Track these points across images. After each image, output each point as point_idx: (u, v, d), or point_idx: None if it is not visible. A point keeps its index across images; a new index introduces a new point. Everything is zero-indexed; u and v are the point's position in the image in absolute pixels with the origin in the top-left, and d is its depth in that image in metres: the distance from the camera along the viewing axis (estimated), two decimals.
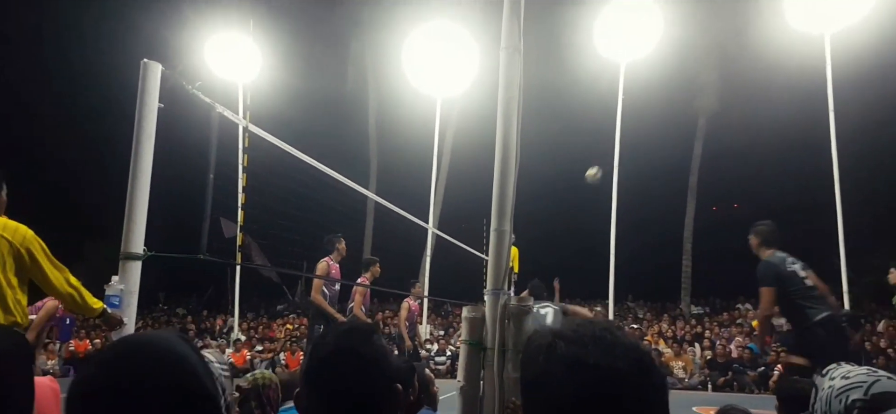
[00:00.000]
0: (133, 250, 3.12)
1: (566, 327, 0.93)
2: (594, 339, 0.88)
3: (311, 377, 1.30)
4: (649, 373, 0.87)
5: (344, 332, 1.35)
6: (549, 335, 0.93)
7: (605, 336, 0.89)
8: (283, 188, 7.01)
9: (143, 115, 3.22)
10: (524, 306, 2.54)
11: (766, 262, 4.85)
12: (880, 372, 1.30)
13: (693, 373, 13.18)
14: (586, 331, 0.90)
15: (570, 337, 0.90)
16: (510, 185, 2.61)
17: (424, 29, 12.95)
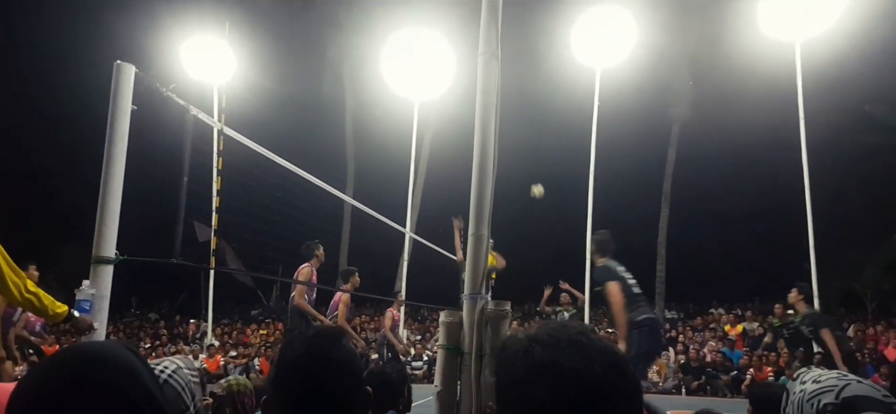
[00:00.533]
0: (104, 254, 3.06)
1: (541, 331, 0.92)
2: (570, 342, 0.88)
3: (280, 383, 1.28)
4: (624, 376, 0.87)
5: (313, 336, 1.34)
6: (524, 340, 0.92)
7: (580, 340, 0.89)
8: (258, 192, 6.94)
9: (116, 117, 3.17)
10: (502, 311, 2.55)
11: (602, 267, 5.41)
12: (850, 376, 1.31)
13: (667, 377, 13.36)
14: (562, 335, 0.90)
15: (546, 341, 0.89)
16: (488, 189, 2.63)
17: (402, 33, 12.94)
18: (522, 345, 0.91)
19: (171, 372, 1.22)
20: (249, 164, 5.83)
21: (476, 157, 2.67)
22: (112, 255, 3.10)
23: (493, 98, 2.72)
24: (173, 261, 4.04)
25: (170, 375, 1.21)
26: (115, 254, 3.12)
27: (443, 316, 2.62)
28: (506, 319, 2.56)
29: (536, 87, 18.88)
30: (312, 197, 7.08)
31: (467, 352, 2.52)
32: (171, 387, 1.19)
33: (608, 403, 0.84)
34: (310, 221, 8.65)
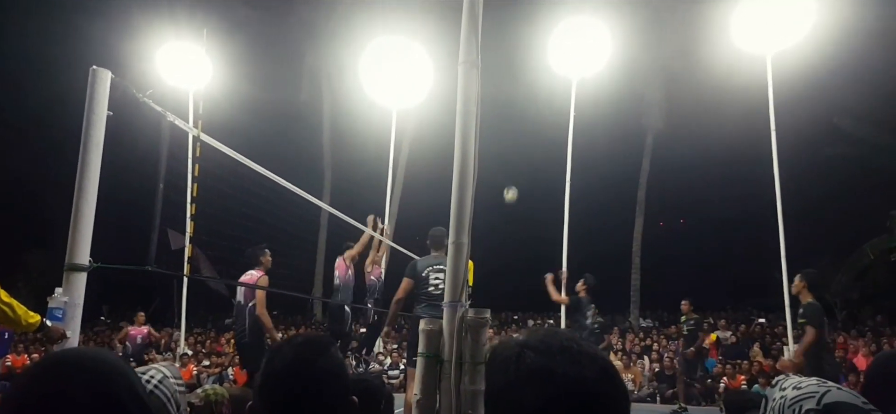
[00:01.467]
0: (78, 261, 3.00)
1: (532, 338, 0.93)
2: (561, 349, 0.89)
3: (267, 390, 1.28)
4: (615, 381, 0.89)
5: (299, 344, 1.33)
6: (516, 345, 0.93)
7: (571, 346, 0.90)
8: (234, 199, 6.86)
9: (91, 123, 3.13)
10: (481, 319, 2.57)
11: (414, 260, 6.05)
12: (830, 383, 1.31)
13: (642, 385, 13.49)
14: (553, 341, 0.91)
15: (537, 347, 0.90)
16: (468, 197, 2.64)
17: (380, 41, 12.94)
18: (514, 351, 0.92)
19: (157, 382, 1.21)
20: (226, 171, 5.77)
21: (456, 165, 2.69)
22: (86, 262, 3.05)
23: (473, 107, 2.75)
24: (148, 268, 3.98)
25: (156, 385, 1.20)
26: (88, 261, 3.07)
27: (422, 324, 2.63)
28: (485, 326, 2.58)
29: (514, 97, 19.05)
30: (289, 204, 7.02)
31: (447, 360, 2.53)
32: (156, 397, 1.18)
33: (600, 408, 0.86)
34: (286, 228, 8.59)
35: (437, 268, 5.65)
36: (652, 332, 18.13)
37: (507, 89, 18.40)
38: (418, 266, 5.78)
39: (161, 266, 4.24)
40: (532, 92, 17.80)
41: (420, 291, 5.67)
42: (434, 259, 5.80)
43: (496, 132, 17.40)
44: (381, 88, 13.25)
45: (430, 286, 5.64)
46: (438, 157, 7.66)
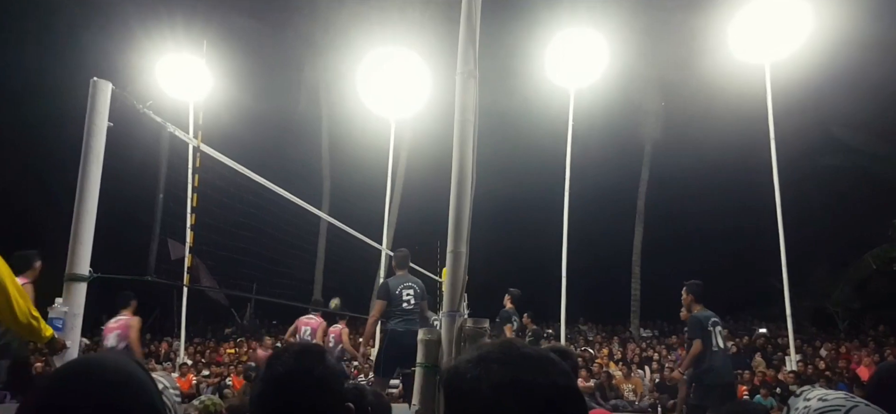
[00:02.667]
0: (78, 271, 3.01)
1: (491, 352, 0.93)
2: (522, 357, 0.91)
3: (263, 400, 1.29)
4: (576, 386, 0.93)
5: (297, 353, 1.36)
6: (478, 360, 0.93)
7: (530, 353, 0.92)
8: (233, 209, 6.88)
9: (92, 134, 3.14)
10: (480, 328, 2.57)
11: (386, 280, 6.51)
12: (857, 398, 1.28)
13: (643, 395, 13.45)
14: (513, 350, 0.93)
15: (501, 359, 0.91)
16: (466, 207, 2.65)
17: (378, 52, 13.01)
18: (479, 367, 0.91)
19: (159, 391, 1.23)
20: (225, 182, 5.80)
21: (454, 175, 2.70)
22: (86, 272, 3.06)
23: (470, 116, 2.77)
24: (148, 278, 3.99)
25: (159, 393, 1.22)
26: (88, 271, 3.08)
27: (421, 334, 2.63)
28: (484, 336, 2.58)
29: (511, 107, 19.10)
30: (288, 214, 7.06)
31: None
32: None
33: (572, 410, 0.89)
34: (285, 238, 8.59)
35: (407, 286, 6.21)
36: (652, 342, 18.08)
37: (505, 99, 18.46)
38: (391, 286, 6.21)
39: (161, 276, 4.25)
40: (530, 102, 17.86)
41: (394, 308, 6.10)
42: (402, 278, 6.30)
43: (494, 142, 17.45)
44: (379, 99, 13.31)
45: (403, 303, 6.11)
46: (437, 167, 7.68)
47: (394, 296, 6.14)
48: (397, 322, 6.11)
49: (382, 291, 6.26)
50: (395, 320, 6.14)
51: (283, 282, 9.06)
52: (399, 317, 6.12)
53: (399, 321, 6.11)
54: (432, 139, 16.48)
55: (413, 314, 6.13)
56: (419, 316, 6.19)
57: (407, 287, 6.22)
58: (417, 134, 19.29)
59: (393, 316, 6.16)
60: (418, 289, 6.28)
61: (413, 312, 6.14)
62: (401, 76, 12.70)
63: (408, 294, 6.19)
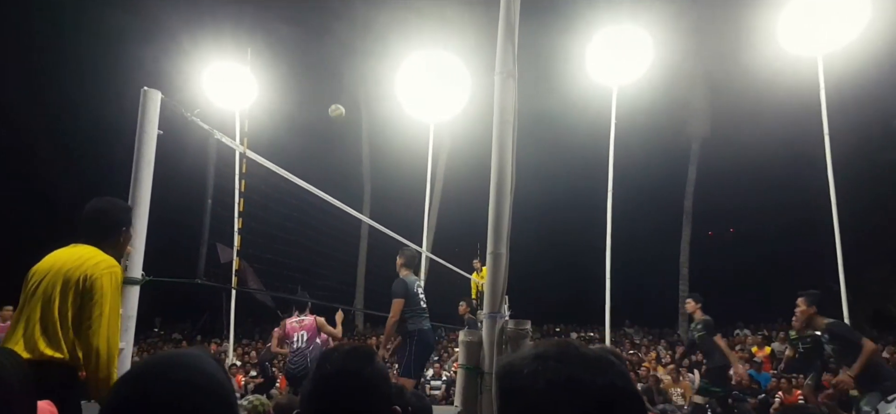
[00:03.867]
0: (132, 275, 3.12)
1: (548, 348, 0.93)
2: (579, 356, 0.90)
3: (313, 398, 1.31)
4: (631, 381, 0.91)
5: (347, 353, 1.37)
6: (535, 357, 0.92)
7: (586, 353, 0.91)
8: (278, 213, 7.03)
9: (143, 141, 3.25)
10: (522, 330, 2.55)
11: (401, 279, 6.22)
12: None
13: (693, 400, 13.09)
14: (570, 350, 0.92)
15: (557, 356, 0.91)
16: (506, 208, 2.64)
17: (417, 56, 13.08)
18: (536, 363, 0.91)
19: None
20: (270, 187, 5.94)
21: (493, 176, 2.69)
22: (139, 276, 3.17)
23: (509, 117, 2.75)
24: (198, 281, 4.11)
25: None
26: (141, 275, 3.18)
27: (462, 335, 2.62)
28: (526, 338, 2.55)
29: (552, 106, 18.93)
30: (330, 218, 7.16)
31: (487, 372, 2.51)
32: None
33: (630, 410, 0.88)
34: (328, 241, 8.72)
35: (419, 284, 6.34)
36: None
37: (546, 99, 18.30)
38: (409, 284, 6.15)
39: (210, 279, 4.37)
40: (571, 101, 17.65)
41: (414, 307, 6.04)
42: (414, 278, 6.34)
43: (535, 142, 17.31)
44: (417, 102, 13.38)
45: (420, 300, 6.15)
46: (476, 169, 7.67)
47: (412, 294, 6.09)
48: (423, 321, 6.12)
49: (401, 289, 6.10)
50: (419, 319, 6.11)
51: (326, 284, 9.20)
52: (420, 315, 6.13)
53: (424, 320, 6.13)
54: (471, 141, 16.47)
55: (427, 312, 6.20)
56: None
57: (419, 284, 6.35)
58: (456, 136, 19.33)
59: (414, 315, 6.10)
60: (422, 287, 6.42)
61: (427, 310, 6.22)
62: (439, 79, 12.73)
63: (422, 292, 6.27)
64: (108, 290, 2.57)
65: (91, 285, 2.54)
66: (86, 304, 2.54)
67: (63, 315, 2.53)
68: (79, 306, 2.55)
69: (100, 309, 2.54)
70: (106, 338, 2.56)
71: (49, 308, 2.53)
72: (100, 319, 2.54)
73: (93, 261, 2.59)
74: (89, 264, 2.58)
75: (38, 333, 2.50)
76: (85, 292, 2.54)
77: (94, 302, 2.54)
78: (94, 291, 2.54)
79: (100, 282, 2.56)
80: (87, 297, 2.54)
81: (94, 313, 2.53)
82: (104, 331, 2.55)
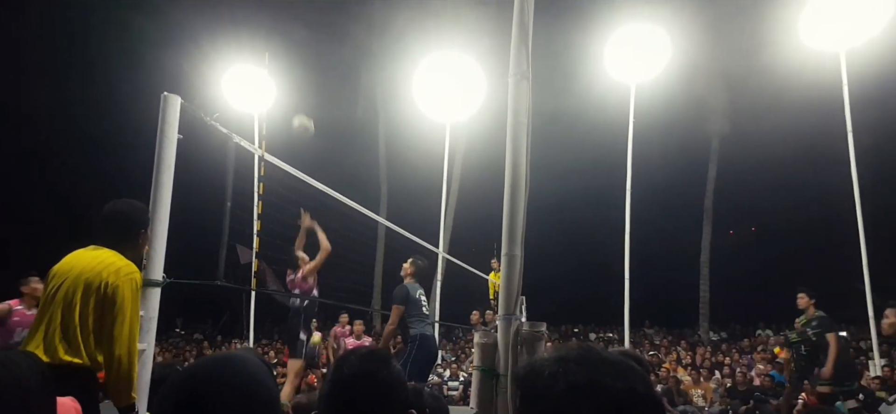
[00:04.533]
0: (153, 277, 3.18)
1: (570, 352, 0.93)
2: (602, 361, 0.90)
3: (329, 400, 1.33)
4: (653, 389, 0.91)
5: (364, 356, 1.40)
6: (556, 360, 0.93)
7: (609, 358, 0.91)
8: (296, 215, 7.10)
9: (163, 146, 3.30)
10: (537, 332, 2.54)
11: (403, 286, 6.24)
12: None
13: (714, 401, 12.92)
14: (592, 355, 0.92)
15: (578, 360, 0.91)
16: (520, 209, 2.63)
17: (433, 57, 13.11)
18: (557, 365, 0.92)
19: None
20: (288, 189, 6.00)
21: (508, 178, 2.69)
22: (159, 278, 3.22)
23: (524, 119, 2.75)
24: (218, 282, 4.17)
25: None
26: (162, 277, 3.24)
27: (477, 337, 2.63)
28: (541, 340, 2.55)
29: (569, 105, 18.84)
30: (348, 219, 7.21)
31: (503, 374, 2.51)
32: None
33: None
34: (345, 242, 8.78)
35: (421, 290, 6.28)
36: (722, 346, 17.36)
37: (563, 97, 18.22)
38: (410, 290, 6.15)
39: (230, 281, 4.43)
40: (588, 99, 17.55)
41: (415, 312, 6.03)
42: (416, 285, 6.29)
43: (552, 141, 17.24)
44: (434, 103, 13.41)
45: (422, 306, 6.10)
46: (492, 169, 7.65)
47: (413, 300, 6.08)
48: (425, 326, 6.07)
49: (401, 295, 6.08)
50: (420, 324, 6.06)
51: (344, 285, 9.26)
52: (423, 319, 6.08)
53: (426, 325, 6.08)
54: (487, 141, 16.47)
55: (430, 318, 6.22)
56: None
57: (421, 291, 6.28)
58: (472, 136, 19.34)
59: (416, 320, 6.06)
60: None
61: (430, 315, 6.26)
62: (455, 80, 12.75)
63: (423, 298, 6.23)
64: (129, 296, 2.63)
65: (113, 292, 2.59)
66: (107, 310, 2.59)
67: (84, 321, 2.58)
68: (100, 313, 2.60)
69: (122, 315, 2.60)
70: (127, 343, 2.61)
71: (70, 313, 2.58)
72: (122, 325, 2.59)
73: (113, 267, 2.64)
74: (110, 271, 2.63)
75: (58, 338, 2.55)
76: (106, 299, 2.59)
77: (117, 309, 2.59)
78: (115, 298, 2.59)
79: (121, 289, 2.61)
80: (108, 303, 2.59)
81: (116, 320, 2.58)
82: (126, 337, 2.60)
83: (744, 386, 12.87)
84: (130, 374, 2.62)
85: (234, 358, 0.98)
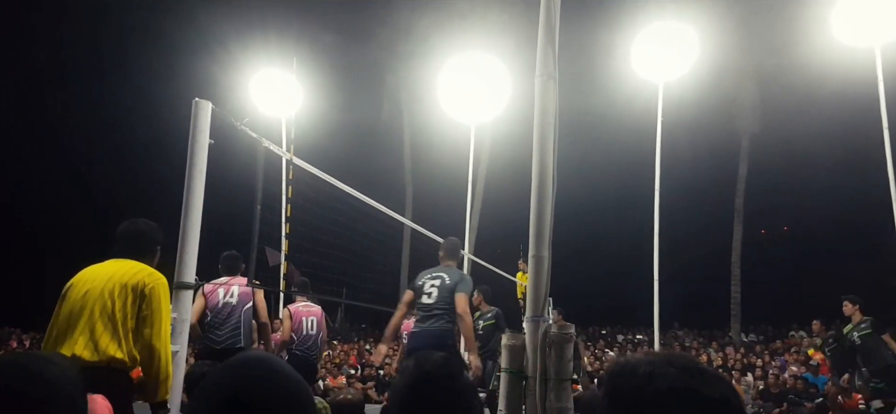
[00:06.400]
0: (185, 280, 3.24)
1: (671, 357, 0.93)
2: (700, 371, 0.90)
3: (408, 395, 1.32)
4: (742, 403, 0.92)
5: (446, 358, 1.40)
6: (651, 363, 0.92)
7: (706, 370, 0.91)
8: (323, 218, 7.16)
9: (195, 151, 3.36)
10: (566, 334, 2.53)
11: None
12: None
13: (746, 403, 12.67)
14: (691, 363, 0.92)
15: (679, 365, 0.91)
16: (547, 211, 2.62)
17: (457, 58, 13.12)
18: (651, 367, 0.91)
19: None
20: (315, 192, 6.06)
21: (535, 179, 2.68)
22: (192, 280, 3.29)
23: (550, 119, 2.73)
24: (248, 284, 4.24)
25: None
26: (194, 279, 3.31)
27: (505, 339, 2.62)
28: (570, 342, 2.53)
29: (596, 105, 18.67)
30: (374, 221, 7.26)
31: (531, 376, 2.50)
32: None
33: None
34: (371, 244, 8.84)
35: (434, 275, 5.10)
36: (754, 347, 17.00)
37: (590, 97, 18.07)
38: (420, 275, 5.27)
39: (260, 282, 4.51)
40: (616, 98, 17.37)
41: (418, 301, 5.10)
42: (435, 268, 5.25)
43: (579, 141, 17.11)
44: (458, 104, 13.41)
45: (423, 295, 5.05)
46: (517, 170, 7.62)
47: (417, 286, 5.14)
48: (418, 320, 5.12)
49: (413, 281, 5.30)
50: (416, 316, 5.21)
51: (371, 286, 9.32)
52: (419, 310, 5.11)
53: (419, 319, 5.10)
54: (512, 142, 16.40)
55: (433, 309, 4.95)
56: (448, 312, 4.91)
57: (433, 277, 5.10)
58: (498, 137, 19.29)
59: (417, 310, 5.21)
60: (449, 279, 5.01)
61: (433, 307, 4.96)
62: (480, 81, 12.74)
63: (431, 285, 5.06)
64: (163, 297, 2.79)
65: (150, 292, 2.74)
66: (144, 309, 2.72)
67: (124, 319, 2.70)
68: (137, 311, 2.72)
69: (159, 315, 2.74)
70: (165, 341, 2.76)
71: (108, 313, 2.69)
72: (160, 323, 2.74)
73: (146, 270, 2.81)
74: (144, 274, 2.79)
75: (101, 335, 2.65)
76: (143, 298, 2.73)
77: (154, 308, 2.73)
78: (152, 298, 2.74)
79: (157, 290, 2.77)
80: (146, 302, 2.73)
81: (155, 318, 2.72)
82: (164, 336, 2.75)
83: (776, 388, 12.60)
84: (167, 371, 2.76)
85: (270, 358, 1.00)
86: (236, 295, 5.27)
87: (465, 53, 13.26)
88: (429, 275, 5.12)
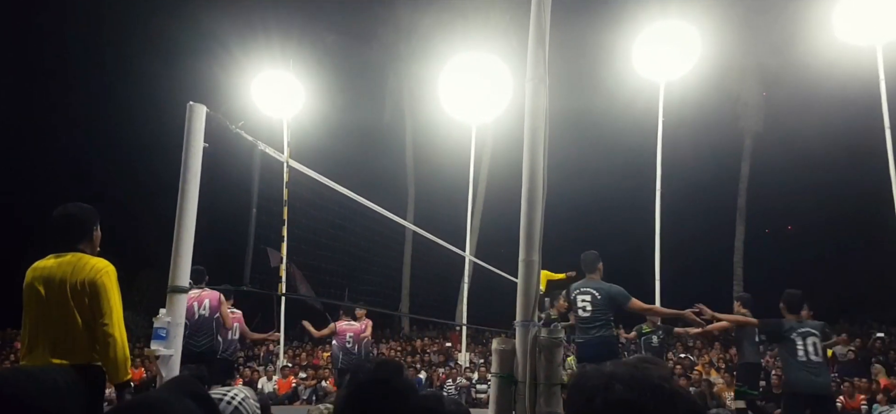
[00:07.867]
0: (179, 283, 3.25)
1: (622, 371, 0.92)
2: (653, 387, 0.88)
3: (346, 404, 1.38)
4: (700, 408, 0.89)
5: (379, 364, 1.44)
6: (604, 376, 0.91)
7: (663, 385, 0.89)
8: (323, 220, 7.17)
9: (189, 155, 3.36)
10: (555, 339, 2.53)
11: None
12: None
13: None
14: (645, 378, 0.90)
15: (628, 381, 0.89)
16: (538, 214, 2.62)
17: (458, 58, 13.12)
18: (603, 380, 0.91)
19: (240, 400, 1.37)
20: (314, 194, 6.06)
21: (525, 183, 2.68)
22: (186, 284, 3.29)
23: (541, 123, 2.73)
24: (245, 287, 4.24)
25: (239, 402, 1.36)
26: (188, 283, 3.31)
27: (495, 343, 2.62)
28: (559, 346, 2.53)
29: (595, 105, 18.64)
30: (375, 223, 7.26)
31: (521, 381, 2.50)
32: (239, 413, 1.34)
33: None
34: (373, 247, 8.85)
35: (584, 290, 5.51)
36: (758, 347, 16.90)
37: (590, 97, 18.04)
38: (571, 289, 5.74)
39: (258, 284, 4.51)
40: (616, 98, 17.33)
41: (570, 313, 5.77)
42: (582, 282, 5.66)
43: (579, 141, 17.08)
44: (459, 105, 13.41)
45: (578, 310, 5.52)
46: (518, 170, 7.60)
47: (570, 301, 5.72)
48: (579, 333, 5.59)
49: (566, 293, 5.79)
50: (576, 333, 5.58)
51: (373, 288, 9.34)
52: (578, 325, 5.61)
53: (579, 330, 5.60)
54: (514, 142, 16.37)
55: (592, 322, 5.41)
56: (606, 323, 5.46)
57: (583, 293, 5.51)
58: (498, 138, 19.29)
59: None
60: (600, 295, 5.44)
61: (591, 320, 5.41)
62: (481, 81, 12.74)
63: (583, 300, 5.48)
64: (109, 286, 2.88)
65: (101, 287, 2.85)
66: (93, 303, 2.85)
67: (86, 321, 2.84)
68: (88, 307, 2.85)
69: (110, 304, 2.86)
70: (118, 326, 2.87)
71: (73, 317, 2.82)
72: (110, 312, 2.86)
73: (89, 264, 2.89)
74: (88, 268, 2.87)
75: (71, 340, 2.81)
76: (95, 295, 2.84)
77: (101, 299, 2.84)
78: (101, 292, 2.84)
79: (104, 282, 2.86)
80: (93, 297, 2.84)
81: (104, 308, 2.85)
82: (116, 320, 2.87)
83: (779, 389, 12.55)
84: (125, 353, 2.88)
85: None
86: (208, 308, 6.32)
87: (466, 54, 13.27)
88: (578, 291, 5.58)
